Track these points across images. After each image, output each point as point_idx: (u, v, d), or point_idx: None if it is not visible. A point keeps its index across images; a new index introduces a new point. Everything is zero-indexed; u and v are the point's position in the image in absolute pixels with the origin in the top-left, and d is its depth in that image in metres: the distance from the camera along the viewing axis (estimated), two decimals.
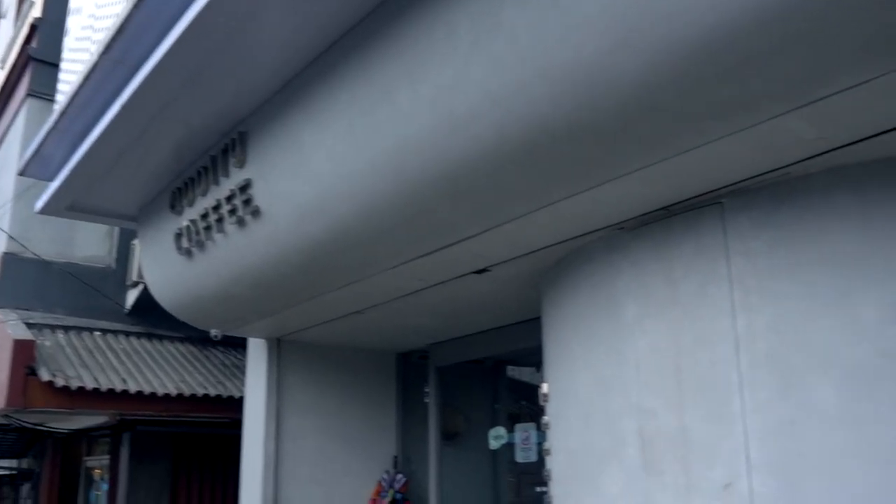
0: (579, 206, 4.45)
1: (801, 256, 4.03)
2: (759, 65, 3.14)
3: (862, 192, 3.98)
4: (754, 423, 4.02)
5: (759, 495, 3.96)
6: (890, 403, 3.75)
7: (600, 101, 3.53)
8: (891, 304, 3.81)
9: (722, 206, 4.30)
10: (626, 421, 4.60)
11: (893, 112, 3.54)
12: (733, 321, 4.15)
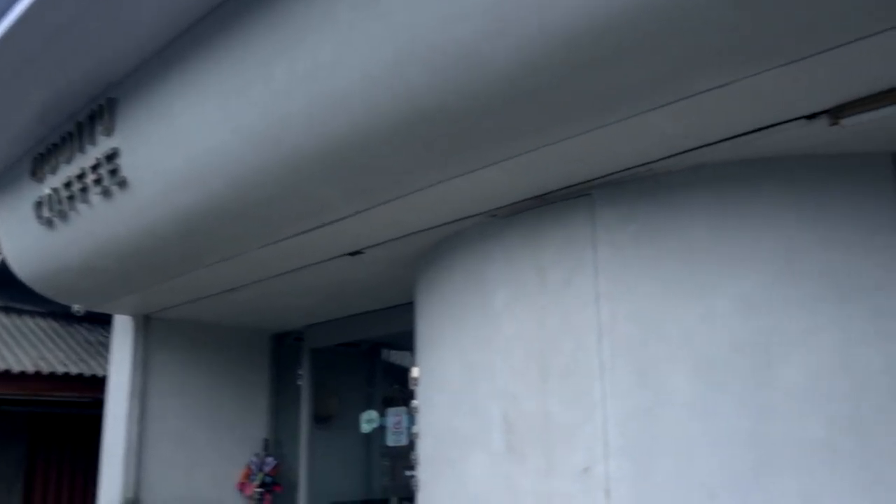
0: (453, 192, 4.46)
1: (662, 249, 4.18)
2: (628, 60, 3.22)
3: (721, 190, 4.16)
4: (613, 410, 4.16)
5: (614, 479, 4.10)
6: (738, 393, 3.95)
7: (474, 86, 3.53)
8: (743, 297, 4.00)
9: (591, 198, 4.40)
10: (491, 406, 4.66)
11: (750, 115, 3.72)
12: (597, 310, 4.27)
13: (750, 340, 3.96)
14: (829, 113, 3.74)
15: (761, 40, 3.08)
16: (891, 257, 4.05)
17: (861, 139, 4.03)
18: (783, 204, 4.09)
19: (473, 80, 3.52)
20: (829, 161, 4.16)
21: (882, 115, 3.66)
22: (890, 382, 3.91)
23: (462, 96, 3.62)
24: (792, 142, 3.99)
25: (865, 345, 3.95)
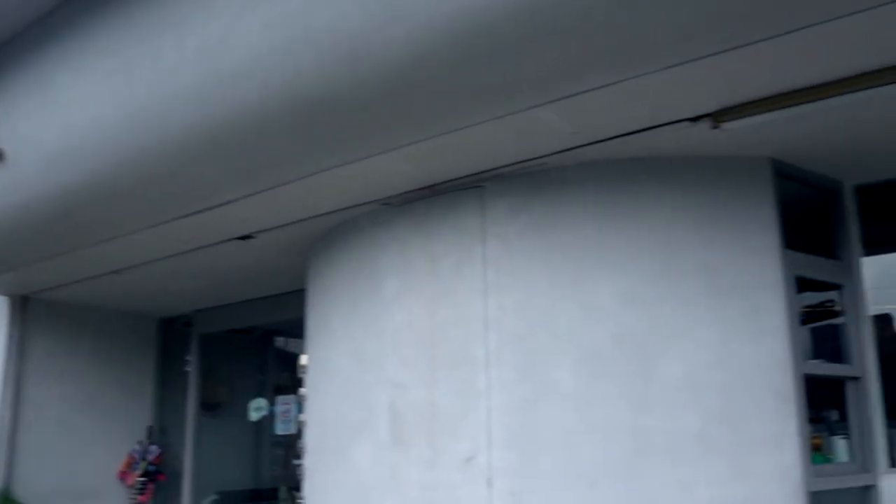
0: (345, 179, 4.41)
1: (550, 243, 4.25)
2: (516, 55, 3.23)
3: (609, 187, 4.26)
4: (498, 400, 4.20)
5: (497, 469, 4.15)
6: (619, 385, 4.06)
7: (365, 73, 3.49)
8: (625, 291, 4.11)
9: (483, 190, 4.43)
10: (379, 395, 4.65)
11: (637, 115, 3.81)
12: (485, 301, 4.30)
13: (631, 334, 4.08)
14: (712, 116, 3.88)
15: (646, 42, 3.15)
16: (767, 257, 4.24)
17: (742, 143, 4.19)
18: (667, 203, 4.22)
19: (364, 68, 3.47)
20: (712, 163, 4.31)
21: (760, 121, 3.82)
22: (762, 377, 4.10)
23: (353, 83, 3.57)
24: (677, 142, 4.11)
25: (740, 341, 4.12)
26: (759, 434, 4.05)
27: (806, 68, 3.49)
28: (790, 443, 4.07)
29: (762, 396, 4.08)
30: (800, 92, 3.67)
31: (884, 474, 4.52)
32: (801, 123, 3.98)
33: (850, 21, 3.03)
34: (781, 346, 4.14)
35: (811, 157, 4.45)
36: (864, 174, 4.74)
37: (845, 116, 3.93)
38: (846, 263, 4.74)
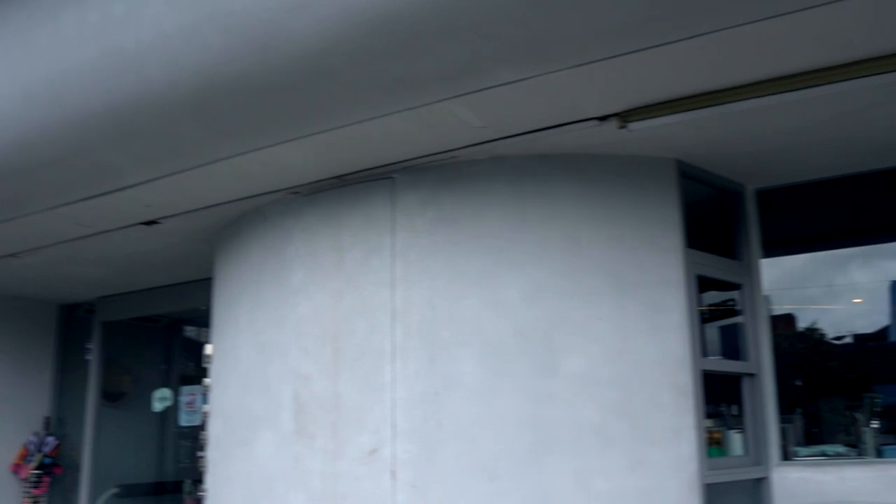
0: (253, 166, 4.32)
1: (459, 236, 4.26)
2: (425, 48, 3.21)
3: (518, 182, 4.29)
4: (402, 393, 4.19)
5: (400, 461, 4.14)
6: (521, 378, 4.10)
7: (275, 58, 3.41)
8: (530, 286, 4.15)
9: (393, 182, 4.40)
10: (283, 386, 4.58)
11: (546, 112, 3.84)
12: (392, 293, 4.28)
13: (534, 328, 4.12)
14: (619, 116, 3.95)
15: (554, 40, 3.17)
16: (669, 256, 4.34)
17: (649, 144, 4.29)
18: (574, 199, 4.28)
19: (274, 53, 3.40)
20: (619, 162, 4.39)
21: (665, 122, 3.90)
22: (660, 372, 4.20)
23: (261, 68, 3.49)
24: (586, 141, 4.17)
25: (641, 336, 4.21)
26: (657, 427, 4.15)
27: (711, 72, 3.58)
28: (687, 436, 4.19)
29: (661, 391, 4.18)
30: (704, 96, 3.77)
31: (776, 467, 4.70)
32: (706, 126, 4.09)
33: (753, 28, 3.12)
34: (681, 342, 4.25)
35: (715, 159, 4.58)
36: (765, 178, 4.91)
37: (748, 121, 4.05)
38: (746, 264, 4.90)
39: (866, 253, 6.57)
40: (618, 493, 4.03)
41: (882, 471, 4.50)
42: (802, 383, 7.18)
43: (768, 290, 5.22)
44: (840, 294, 7.91)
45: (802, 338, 7.84)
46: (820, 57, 3.48)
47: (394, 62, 3.33)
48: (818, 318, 8.01)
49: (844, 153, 4.59)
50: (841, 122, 4.17)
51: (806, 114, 4.01)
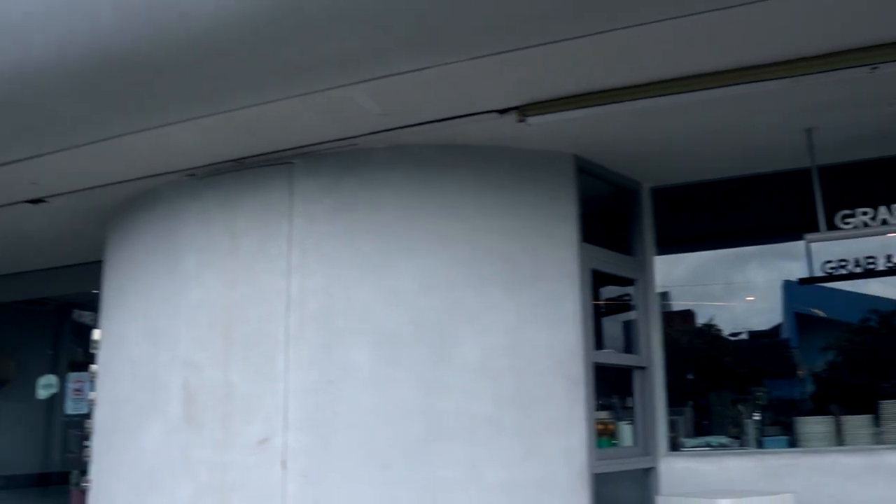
0: (146, 145, 4.17)
1: (357, 224, 4.22)
2: (322, 33, 3.15)
3: (418, 172, 4.28)
4: (296, 382, 4.13)
5: (291, 450, 4.08)
6: (413, 367, 4.09)
7: (166, 36, 3.28)
8: (426, 276, 4.15)
9: (292, 168, 4.33)
10: (172, 374, 4.45)
11: (446, 102, 3.84)
12: (288, 280, 4.21)
13: (429, 318, 4.12)
14: (518, 110, 3.97)
15: (451, 31, 3.17)
16: (565, 250, 4.40)
17: (548, 139, 4.34)
18: (473, 191, 4.30)
19: (165, 30, 3.26)
20: (519, 155, 4.43)
21: (563, 118, 3.95)
22: (551, 363, 4.26)
23: (155, 44, 3.34)
24: (486, 133, 4.19)
25: (535, 328, 4.26)
26: (548, 418, 4.21)
27: (607, 71, 3.64)
28: (578, 427, 4.26)
29: (553, 382, 4.25)
30: (601, 93, 3.84)
31: (663, 457, 4.84)
32: (603, 124, 4.16)
33: (644, 30, 3.19)
34: (574, 334, 4.32)
35: (612, 157, 4.68)
36: (661, 177, 5.04)
37: (644, 121, 4.14)
38: (640, 260, 5.02)
39: (763, 253, 6.84)
40: (509, 482, 4.07)
41: (760, 461, 4.69)
42: (695, 377, 7.44)
43: (669, 286, 5.37)
44: (738, 292, 8.21)
45: (700, 333, 8.12)
46: (709, 62, 3.58)
47: (290, 46, 3.25)
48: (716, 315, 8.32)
49: (736, 155, 4.74)
50: (731, 126, 4.31)
51: (698, 116, 4.13)
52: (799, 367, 8.54)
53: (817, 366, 7.92)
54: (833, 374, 7.74)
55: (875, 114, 4.23)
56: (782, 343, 9.05)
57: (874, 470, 4.48)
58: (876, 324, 7.63)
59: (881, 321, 7.62)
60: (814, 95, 3.97)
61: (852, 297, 7.60)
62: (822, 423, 4.92)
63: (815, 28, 3.34)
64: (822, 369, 7.87)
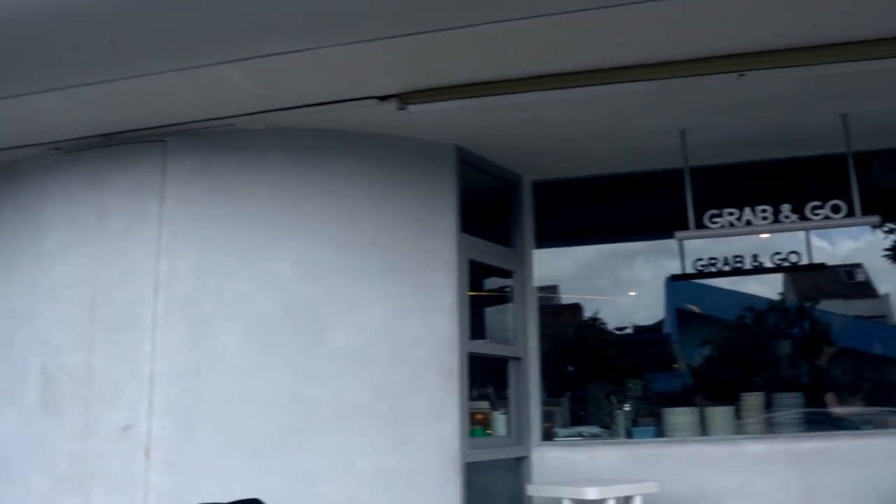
0: (6, 114, 3.94)
1: (231, 207, 4.11)
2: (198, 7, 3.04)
3: (297, 156, 4.21)
4: (162, 367, 4.00)
5: (155, 437, 3.95)
6: (287, 355, 4.03)
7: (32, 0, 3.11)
8: (301, 262, 4.09)
9: (165, 146, 4.18)
10: (30, 357, 4.23)
11: (325, 86, 3.78)
12: (157, 263, 4.07)
13: (303, 305, 4.07)
14: (399, 98, 3.95)
15: (331, 13, 3.11)
16: (443, 240, 4.42)
17: (430, 128, 4.34)
18: (353, 177, 4.26)
19: None
20: (400, 144, 4.41)
21: (443, 108, 3.95)
22: (426, 353, 4.28)
23: (19, 7, 3.15)
24: (367, 119, 4.15)
25: (410, 317, 4.27)
26: (422, 407, 4.23)
27: (485, 64, 3.66)
28: (451, 416, 4.29)
29: (428, 371, 4.26)
30: (481, 85, 3.86)
31: (536, 447, 4.92)
32: (484, 116, 4.19)
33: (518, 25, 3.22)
34: (450, 324, 4.35)
35: (494, 149, 4.72)
36: (543, 171, 5.11)
37: (525, 114, 4.19)
38: (519, 252, 5.09)
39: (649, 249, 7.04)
40: (380, 471, 4.06)
41: (629, 450, 4.84)
42: (575, 368, 7.63)
43: (559, 280, 5.45)
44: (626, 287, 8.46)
45: (586, 326, 8.33)
46: (582, 60, 3.64)
47: (164, 18, 3.13)
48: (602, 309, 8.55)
49: (614, 153, 4.86)
50: (609, 124, 4.41)
51: (577, 113, 4.21)
52: (678, 361, 8.90)
53: (695, 360, 8.27)
54: (709, 367, 8.09)
55: (745, 119, 4.41)
56: (663, 338, 9.39)
57: (734, 458, 4.69)
58: (750, 321, 8.03)
59: (755, 318, 8.01)
60: (686, 99, 4.11)
61: (731, 295, 7.96)
62: (687, 415, 5.11)
63: (685, 33, 3.44)
64: (699, 363, 8.22)
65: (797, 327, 7.89)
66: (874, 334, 7.55)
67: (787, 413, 5.25)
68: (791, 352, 7.61)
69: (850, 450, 4.61)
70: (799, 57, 3.67)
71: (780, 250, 4.65)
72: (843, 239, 7.67)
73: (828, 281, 8.36)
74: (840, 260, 7.97)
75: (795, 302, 7.95)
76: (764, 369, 7.42)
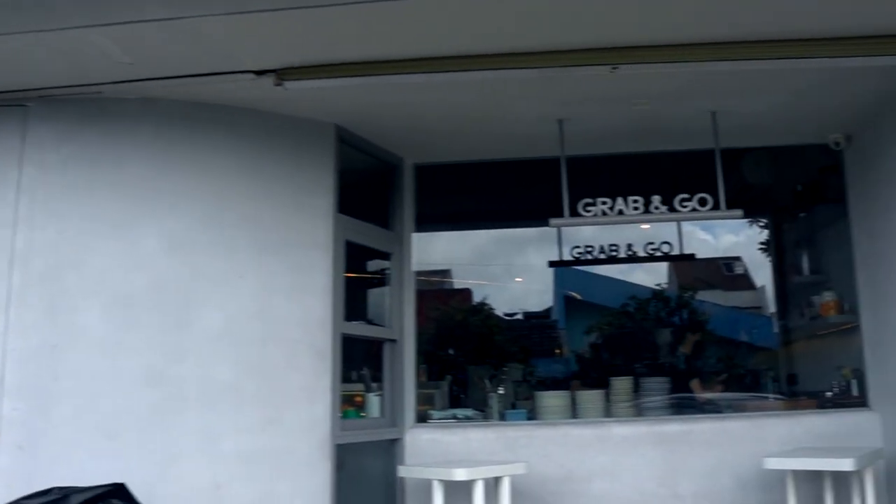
0: None
1: (96, 178, 3.95)
2: None
3: (168, 127, 4.07)
4: (16, 344, 3.80)
5: (6, 419, 3.75)
6: (151, 333, 3.90)
7: None
8: (168, 235, 3.97)
9: (26, 111, 3.96)
10: None
11: (198, 58, 3.67)
12: (13, 233, 3.86)
13: (171, 282, 3.95)
14: (276, 73, 3.87)
15: None
16: (319, 219, 4.38)
17: (309, 106, 4.27)
18: (226, 152, 4.16)
19: None
20: (277, 120, 4.33)
21: (320, 85, 3.90)
22: (298, 332, 4.23)
23: None
24: (243, 94, 4.05)
25: (283, 296, 4.21)
26: (292, 388, 4.18)
27: (363, 42, 3.62)
28: (322, 397, 4.26)
29: (299, 351, 4.22)
30: (358, 65, 3.82)
31: (410, 429, 4.95)
32: (364, 96, 4.16)
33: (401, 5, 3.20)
34: (323, 304, 4.31)
35: (375, 130, 4.70)
36: (424, 154, 5.12)
37: (405, 97, 4.19)
38: (398, 235, 5.08)
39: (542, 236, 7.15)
40: (247, 452, 4.00)
41: (501, 432, 4.93)
42: (459, 352, 7.71)
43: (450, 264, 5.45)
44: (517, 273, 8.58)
45: (474, 311, 8.42)
46: (463, 44, 3.65)
47: None
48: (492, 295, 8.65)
49: (496, 139, 4.92)
50: (491, 111, 4.45)
51: (457, 97, 4.24)
52: (563, 347, 9.12)
53: (580, 346, 8.49)
54: (593, 353, 8.32)
55: (620, 111, 4.53)
56: (551, 324, 9.60)
57: (602, 440, 4.85)
58: (633, 309, 8.29)
59: (638, 307, 8.27)
60: (564, 89, 4.19)
61: (616, 284, 8.21)
62: (559, 398, 5.25)
63: (562, 24, 3.50)
64: (583, 349, 8.44)
65: (677, 316, 8.19)
66: (745, 324, 7.93)
67: (654, 397, 5.47)
68: (670, 339, 7.89)
69: (710, 432, 4.84)
70: (669, 54, 3.79)
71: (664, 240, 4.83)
72: (724, 233, 8.04)
73: (709, 273, 8.73)
74: (722, 253, 8.33)
75: (676, 292, 8.24)
76: (643, 356, 7.68)
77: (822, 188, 5.58)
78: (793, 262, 6.16)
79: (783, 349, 6.60)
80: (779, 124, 4.89)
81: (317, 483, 4.18)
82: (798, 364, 6.31)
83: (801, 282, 5.91)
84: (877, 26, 3.60)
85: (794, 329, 6.30)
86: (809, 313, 5.65)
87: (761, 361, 7.29)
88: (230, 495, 3.90)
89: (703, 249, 8.40)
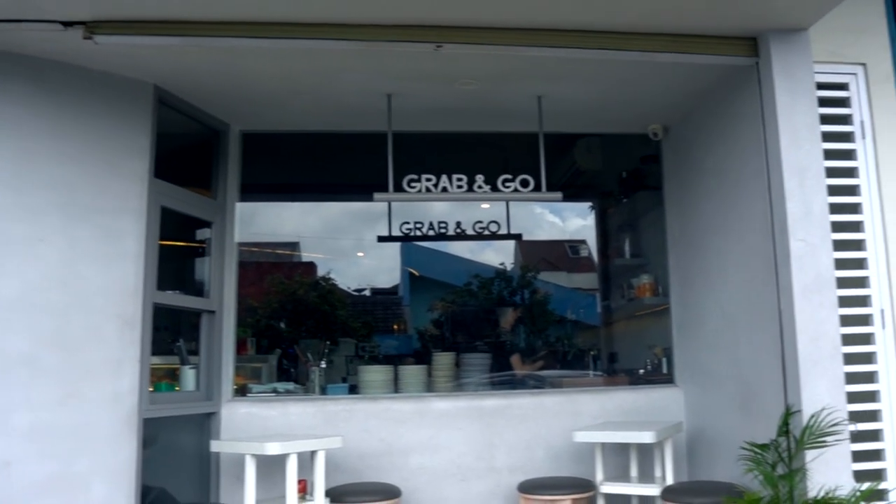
0: None
1: None
2: None
3: None
4: None
5: None
6: None
7: None
8: None
9: None
10: None
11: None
12: None
13: None
14: (86, 25, 3.64)
15: None
16: (132, 183, 4.16)
17: (124, 63, 4.04)
18: (30, 108, 3.87)
19: None
20: (89, 77, 4.07)
21: (135, 42, 3.70)
22: (106, 302, 4.02)
23: None
24: (50, 46, 3.78)
25: (89, 263, 3.98)
26: (96, 360, 3.97)
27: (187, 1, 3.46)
28: (130, 370, 4.08)
29: (105, 322, 4.01)
30: (180, 24, 3.66)
31: (227, 402, 4.83)
32: (188, 57, 3.99)
33: None
34: (134, 273, 4.12)
35: (199, 94, 4.52)
36: (252, 122, 4.98)
37: (231, 61, 4.05)
38: (220, 203, 4.92)
39: (384, 210, 7.10)
40: (41, 428, 3.75)
41: (321, 407, 4.90)
42: (290, 326, 7.62)
43: (300, 237, 5.31)
44: (363, 248, 8.53)
45: (315, 285, 8.33)
46: (280, 10, 3.57)
47: None
48: (344, 269, 8.58)
49: (326, 110, 4.84)
50: (319, 80, 4.38)
51: (283, 65, 4.14)
52: (407, 323, 9.19)
53: (423, 322, 8.58)
54: (435, 330, 8.43)
55: (448, 90, 4.56)
56: (397, 300, 9.64)
57: (422, 414, 4.91)
58: (476, 287, 8.44)
59: (481, 285, 8.43)
60: (391, 63, 4.18)
61: (461, 262, 8.33)
62: (380, 373, 5.29)
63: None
64: (426, 326, 8.53)
65: (518, 296, 8.42)
66: (576, 304, 8.25)
67: (474, 372, 5.60)
68: (508, 318, 8.09)
69: (528, 406, 5.01)
70: (492, 37, 3.85)
71: (494, 220, 4.94)
72: (572, 216, 8.31)
73: (555, 255, 9.02)
74: (569, 235, 8.61)
75: (519, 272, 8.46)
76: (483, 333, 7.86)
77: (643, 176, 5.86)
78: (616, 245, 6.45)
79: (605, 329, 6.92)
80: (604, 113, 5.07)
81: (121, 459, 4.00)
82: (618, 343, 6.64)
83: (623, 264, 6.21)
84: (686, 26, 3.80)
85: (615, 309, 6.61)
86: (629, 295, 5.94)
87: (586, 340, 7.64)
88: (20, 472, 3.67)
89: (552, 232, 8.67)
